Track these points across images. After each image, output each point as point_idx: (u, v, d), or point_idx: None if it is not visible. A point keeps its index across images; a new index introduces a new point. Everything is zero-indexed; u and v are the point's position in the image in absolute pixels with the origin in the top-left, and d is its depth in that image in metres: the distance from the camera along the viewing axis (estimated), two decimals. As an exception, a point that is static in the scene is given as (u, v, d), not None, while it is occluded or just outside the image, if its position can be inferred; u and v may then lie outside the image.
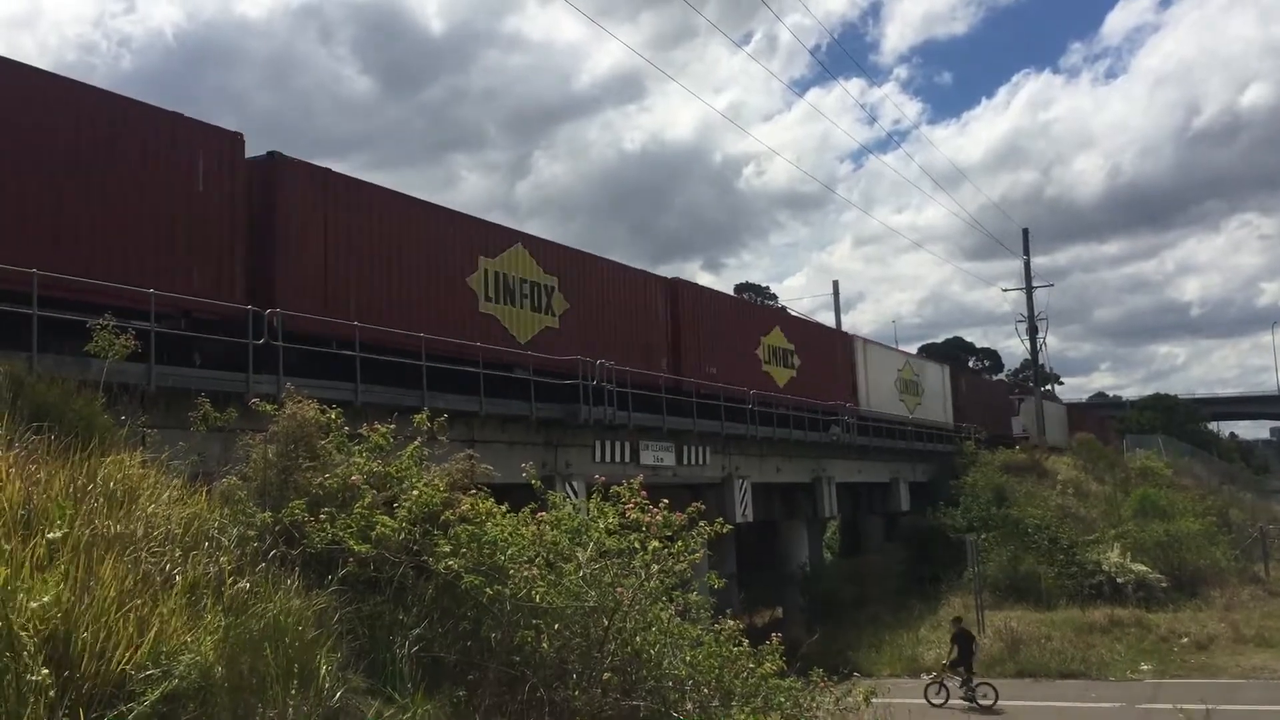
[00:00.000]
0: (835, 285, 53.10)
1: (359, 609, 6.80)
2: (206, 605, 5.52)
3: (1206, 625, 26.94)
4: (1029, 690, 22.07)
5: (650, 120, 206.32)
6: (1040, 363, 55.83)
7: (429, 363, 17.59)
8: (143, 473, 7.09)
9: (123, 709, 4.49)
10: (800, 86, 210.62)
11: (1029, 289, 52.83)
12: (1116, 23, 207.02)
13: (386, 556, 7.14)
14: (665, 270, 30.96)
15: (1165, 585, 30.70)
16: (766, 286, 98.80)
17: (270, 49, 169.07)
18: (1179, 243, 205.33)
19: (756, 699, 8.08)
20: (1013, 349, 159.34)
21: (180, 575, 5.70)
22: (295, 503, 7.29)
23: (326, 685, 5.61)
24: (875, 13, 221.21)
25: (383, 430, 8.48)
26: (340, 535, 7.11)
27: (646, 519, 8.16)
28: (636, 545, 8.01)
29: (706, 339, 28.12)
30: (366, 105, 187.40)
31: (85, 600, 4.79)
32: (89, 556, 5.18)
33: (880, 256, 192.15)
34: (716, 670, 8.00)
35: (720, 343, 28.73)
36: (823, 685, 8.79)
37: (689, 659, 7.91)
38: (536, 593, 7.36)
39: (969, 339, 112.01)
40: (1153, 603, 29.54)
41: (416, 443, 8.55)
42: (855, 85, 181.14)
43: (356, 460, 8.08)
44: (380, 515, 7.31)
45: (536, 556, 7.74)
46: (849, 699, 8.92)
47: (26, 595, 4.57)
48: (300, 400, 8.37)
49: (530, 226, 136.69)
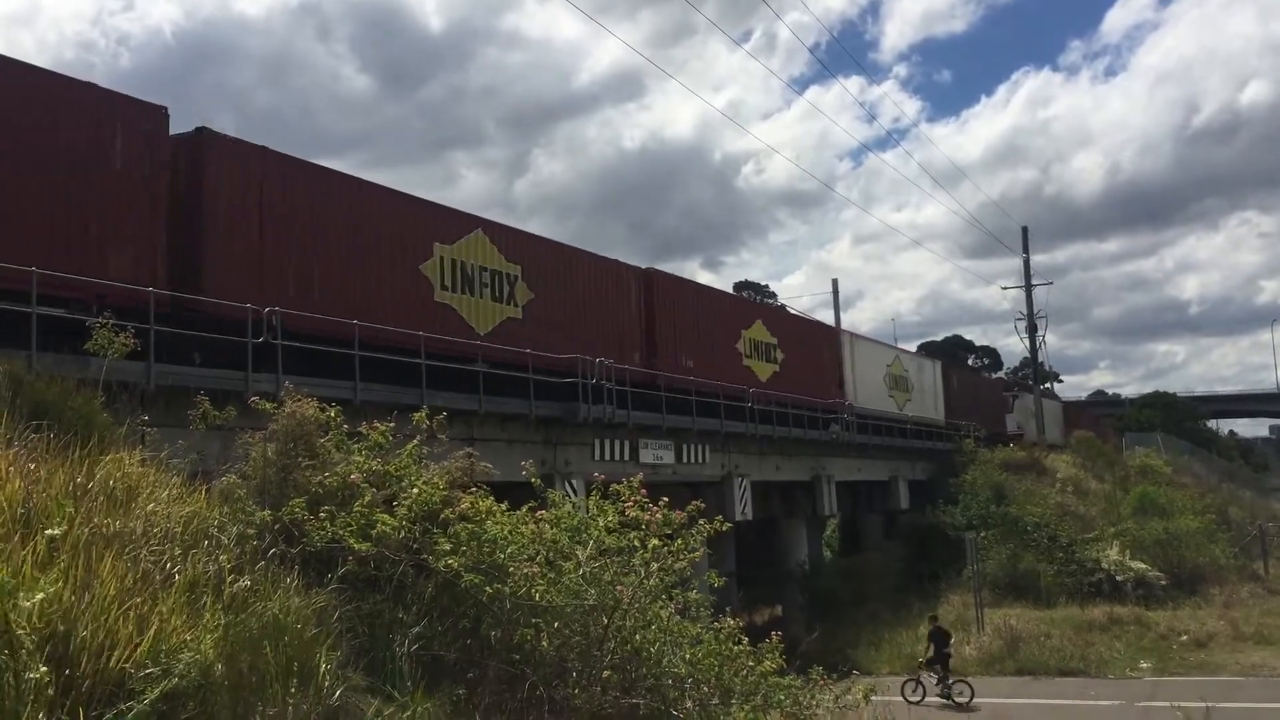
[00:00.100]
0: (834, 283, 52.90)
1: (358, 607, 6.79)
2: (206, 603, 5.52)
3: (1206, 623, 26.96)
4: (1028, 688, 22.09)
5: (649, 118, 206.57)
6: (1040, 361, 55.92)
7: (363, 352, 16.31)
8: (142, 471, 7.08)
9: (122, 707, 4.49)
10: (800, 84, 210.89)
11: (1028, 287, 52.96)
12: (1116, 20, 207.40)
13: (386, 555, 7.14)
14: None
15: (1164, 583, 30.76)
16: (766, 285, 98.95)
17: (269, 47, 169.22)
18: (1178, 241, 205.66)
19: (756, 697, 8.09)
20: (1012, 347, 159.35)
21: (180, 573, 5.70)
22: (295, 501, 7.28)
23: (326, 683, 5.61)
24: (874, 11, 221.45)
25: (382, 428, 8.47)
26: (340, 533, 7.10)
27: (646, 517, 8.16)
28: (636, 543, 8.01)
29: (683, 332, 27.27)
30: (365, 103, 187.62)
31: (85, 598, 4.79)
32: (88, 555, 5.18)
33: (879, 254, 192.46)
34: (716, 668, 8.00)
35: (698, 336, 27.88)
36: (822, 683, 8.82)
37: (689, 657, 7.91)
38: (536, 591, 7.37)
39: (968, 337, 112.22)
40: (1152, 600, 29.59)
41: (415, 441, 8.55)
42: (855, 83, 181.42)
43: (356, 459, 8.08)
44: (380, 514, 7.31)
45: (536, 555, 7.75)
46: (848, 697, 8.95)
47: (26, 593, 4.57)
48: (300, 398, 8.37)
49: (530, 224, 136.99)
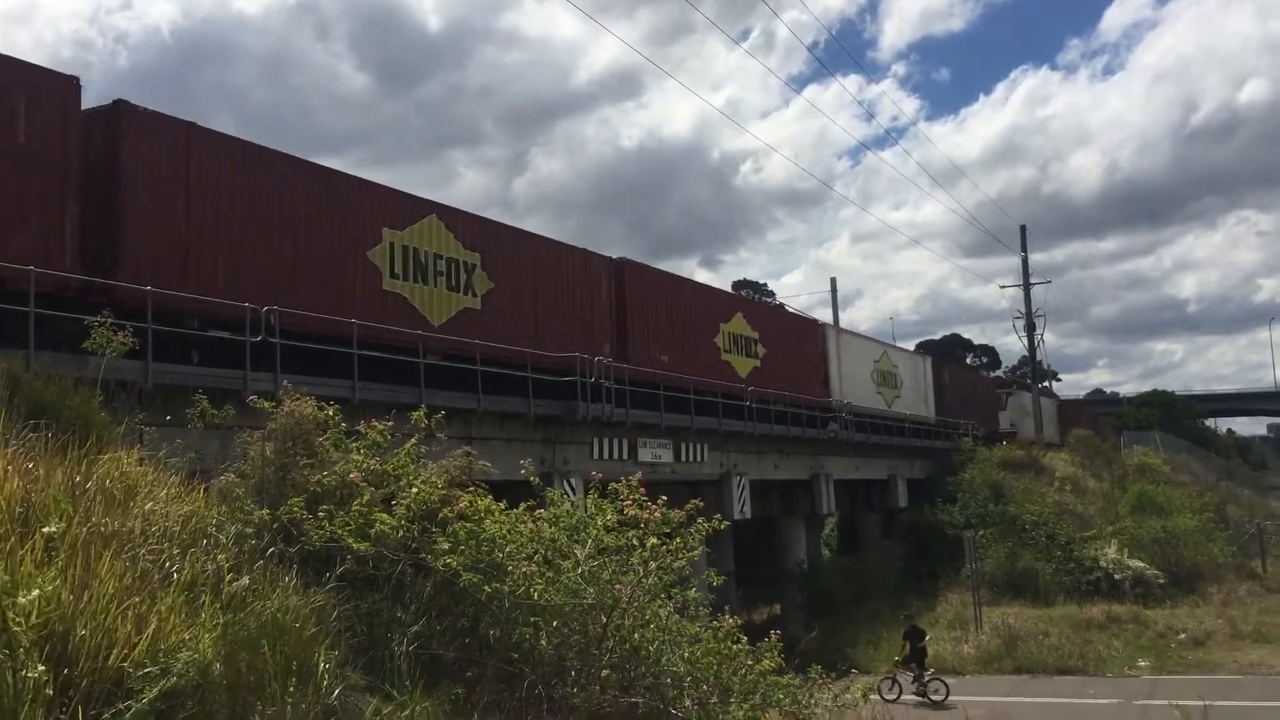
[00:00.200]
0: (833, 282, 53.12)
1: (357, 606, 6.78)
2: (204, 603, 5.51)
3: (1204, 621, 27.02)
4: (1026, 686, 22.12)
5: (648, 117, 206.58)
6: (1038, 359, 55.95)
7: (284, 340, 15.20)
8: (140, 470, 7.07)
9: (120, 706, 4.48)
10: (798, 83, 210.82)
11: (1026, 285, 53.02)
12: (1114, 19, 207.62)
13: (385, 554, 7.13)
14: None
15: (1162, 581, 30.82)
16: (764, 283, 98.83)
17: (267, 45, 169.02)
18: (1176, 239, 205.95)
19: (755, 696, 8.09)
20: (1011, 345, 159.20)
21: (178, 573, 5.69)
22: (293, 500, 7.28)
23: (325, 682, 5.60)
24: (873, 9, 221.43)
25: (380, 427, 8.46)
26: (338, 533, 7.09)
27: (645, 516, 8.16)
28: (635, 542, 8.01)
29: (657, 324, 26.30)
30: (363, 102, 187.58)
31: (83, 597, 4.79)
32: (87, 554, 5.17)
33: (878, 253, 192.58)
34: (715, 667, 7.99)
35: (674, 329, 26.99)
36: (821, 682, 8.82)
37: (687, 656, 7.91)
38: (535, 590, 7.37)
39: (967, 335, 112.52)
40: (1150, 599, 29.65)
41: (414, 440, 8.54)
42: (853, 82, 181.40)
43: (354, 457, 8.07)
44: (378, 513, 7.30)
45: (535, 554, 7.74)
46: (847, 696, 8.96)
47: (24, 591, 4.57)
48: (298, 397, 8.36)
49: (528, 223, 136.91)
